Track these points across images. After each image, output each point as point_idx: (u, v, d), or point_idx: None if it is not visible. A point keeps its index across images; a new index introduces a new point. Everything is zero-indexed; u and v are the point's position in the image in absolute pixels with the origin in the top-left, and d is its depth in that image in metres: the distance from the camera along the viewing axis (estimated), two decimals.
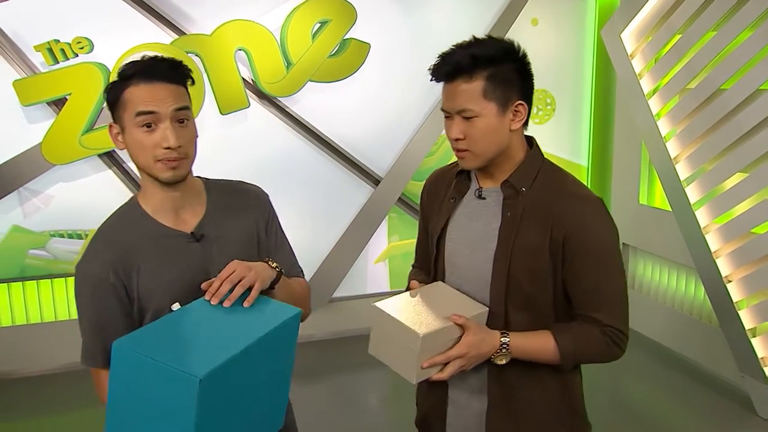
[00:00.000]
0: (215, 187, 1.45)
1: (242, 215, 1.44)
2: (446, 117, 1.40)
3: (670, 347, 3.88)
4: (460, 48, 1.36)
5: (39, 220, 3.53)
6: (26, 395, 3.48)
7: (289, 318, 1.26)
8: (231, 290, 1.25)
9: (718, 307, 3.31)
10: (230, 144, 3.70)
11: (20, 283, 3.60)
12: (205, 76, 3.58)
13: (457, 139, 1.37)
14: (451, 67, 1.34)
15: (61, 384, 3.58)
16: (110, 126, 1.34)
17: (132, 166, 3.60)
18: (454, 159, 1.46)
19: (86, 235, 3.61)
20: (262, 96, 3.73)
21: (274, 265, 1.35)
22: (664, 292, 3.96)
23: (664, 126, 3.56)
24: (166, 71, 1.30)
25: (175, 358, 1.11)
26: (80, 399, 3.42)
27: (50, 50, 3.38)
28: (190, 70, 1.35)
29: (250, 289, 1.27)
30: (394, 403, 3.42)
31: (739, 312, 3.18)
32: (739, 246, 3.15)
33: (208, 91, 3.61)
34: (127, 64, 1.31)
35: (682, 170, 3.45)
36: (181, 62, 1.33)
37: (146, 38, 3.48)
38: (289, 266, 1.50)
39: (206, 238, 1.38)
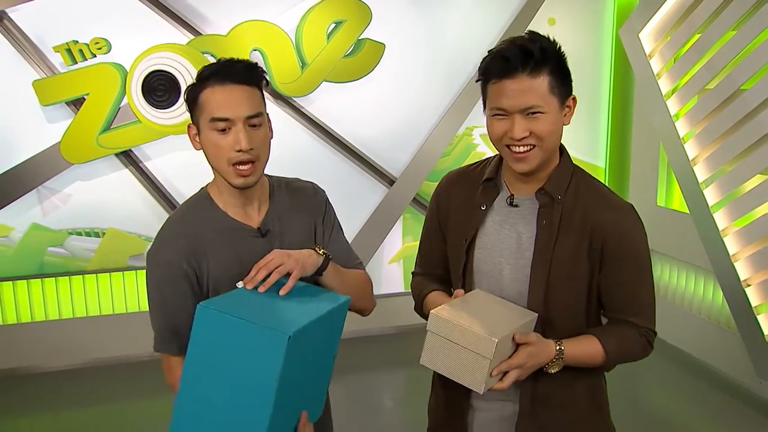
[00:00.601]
0: (278, 184, 1.51)
1: (302, 212, 1.49)
2: (496, 116, 1.32)
3: (687, 351, 3.83)
4: (518, 43, 1.28)
5: (57, 218, 3.58)
6: (46, 390, 3.53)
7: (340, 303, 1.29)
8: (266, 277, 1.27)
9: (736, 311, 3.26)
10: None
11: (39, 279, 3.64)
12: None
13: (523, 138, 1.30)
14: (518, 59, 1.26)
15: (81, 379, 3.62)
16: (189, 126, 1.39)
17: (149, 166, 3.63)
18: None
19: (103, 233, 3.65)
20: (277, 96, 3.75)
21: (321, 251, 1.38)
22: (681, 295, 3.91)
23: (682, 127, 3.52)
24: (241, 73, 1.33)
25: (261, 319, 1.15)
26: (99, 394, 3.47)
27: (69, 51, 3.43)
28: (265, 72, 1.38)
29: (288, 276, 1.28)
30: (409, 404, 3.42)
31: (758, 317, 3.13)
32: (759, 249, 3.11)
33: None
34: (204, 66, 1.35)
35: (701, 172, 3.40)
36: (256, 64, 1.37)
37: (162, 39, 3.51)
38: (345, 259, 1.52)
39: (271, 233, 1.42)
